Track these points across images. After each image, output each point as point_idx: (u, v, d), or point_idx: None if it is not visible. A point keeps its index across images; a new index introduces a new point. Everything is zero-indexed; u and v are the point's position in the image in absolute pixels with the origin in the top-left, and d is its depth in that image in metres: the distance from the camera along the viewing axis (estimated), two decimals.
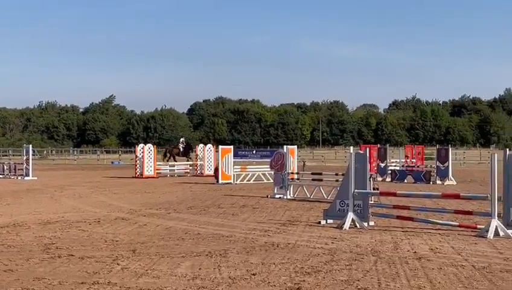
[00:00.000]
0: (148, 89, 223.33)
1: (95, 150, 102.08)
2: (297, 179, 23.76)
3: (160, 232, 13.79)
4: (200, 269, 9.48)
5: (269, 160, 25.39)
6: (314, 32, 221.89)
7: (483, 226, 13.22)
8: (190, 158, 45.81)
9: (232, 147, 34.52)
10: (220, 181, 30.82)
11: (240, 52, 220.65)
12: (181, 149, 47.06)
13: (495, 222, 12.87)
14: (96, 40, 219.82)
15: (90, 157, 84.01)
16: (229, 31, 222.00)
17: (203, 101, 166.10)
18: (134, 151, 40.54)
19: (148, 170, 37.99)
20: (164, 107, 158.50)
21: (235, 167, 32.44)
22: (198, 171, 41.05)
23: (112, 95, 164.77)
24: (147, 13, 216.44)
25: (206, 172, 39.88)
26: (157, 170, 39.09)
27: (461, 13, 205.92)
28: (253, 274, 9.06)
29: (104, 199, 22.77)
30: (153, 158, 38.37)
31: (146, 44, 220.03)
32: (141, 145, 39.74)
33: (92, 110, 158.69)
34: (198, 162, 41.64)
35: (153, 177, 37.31)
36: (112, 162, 71.20)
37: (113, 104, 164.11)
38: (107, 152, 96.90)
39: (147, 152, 38.23)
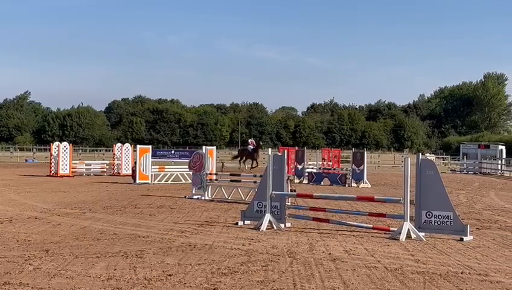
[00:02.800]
0: (65, 86, 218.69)
1: (8, 148, 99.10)
2: (216, 179, 23.74)
3: (75, 232, 13.52)
4: (115, 269, 9.35)
5: (188, 160, 25.26)
6: (235, 33, 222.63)
7: (396, 229, 13.56)
8: (255, 160, 44.93)
9: (150, 146, 34.28)
10: (138, 181, 30.53)
11: (160, 52, 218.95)
12: (250, 150, 45.85)
13: (407, 225, 13.23)
14: (11, 34, 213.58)
15: (3, 155, 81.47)
16: (149, 29, 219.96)
17: (122, 99, 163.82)
18: (49, 149, 39.66)
19: (64, 169, 37.26)
20: (81, 104, 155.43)
21: (153, 166, 32.18)
22: (115, 171, 40.52)
23: (27, 92, 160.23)
24: (65, 9, 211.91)
25: (124, 172, 39.44)
26: (72, 168, 38.36)
27: (378, 20, 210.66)
28: (169, 275, 9.00)
29: (16, 197, 22.14)
30: (68, 156, 37.61)
31: (63, 40, 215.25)
32: (56, 143, 38.95)
33: (5, 106, 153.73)
34: (116, 162, 41.08)
35: (69, 176, 36.61)
36: (26, 160, 69.31)
37: (28, 100, 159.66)
38: (21, 150, 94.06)
39: (62, 150, 37.45)
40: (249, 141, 48.24)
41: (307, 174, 35.63)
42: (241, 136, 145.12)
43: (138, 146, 33.26)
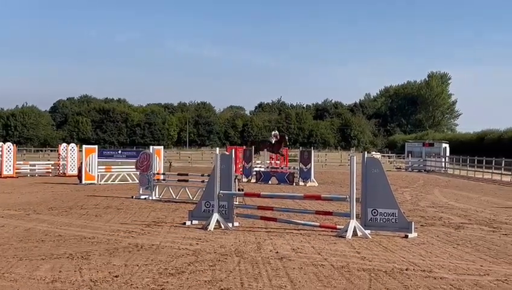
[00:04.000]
0: (8, 85, 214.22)
1: None
2: (163, 179, 23.60)
3: (19, 233, 13.27)
4: (60, 271, 9.21)
5: (135, 160, 25.06)
6: (182, 32, 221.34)
7: (342, 227, 13.71)
8: (282, 154, 40.39)
9: (96, 146, 33.86)
10: (84, 181, 30.14)
11: (106, 51, 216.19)
12: (272, 142, 39.84)
13: (353, 223, 13.39)
14: None
15: None
16: (94, 28, 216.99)
17: (67, 99, 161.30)
18: None
19: (7, 170, 36.52)
20: (25, 104, 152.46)
21: (99, 167, 31.83)
22: (61, 171, 39.91)
23: None
24: (8, 6, 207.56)
25: (69, 172, 38.85)
26: (16, 169, 37.64)
27: (323, 19, 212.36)
28: (116, 276, 8.91)
29: None
30: (12, 157, 36.88)
31: (6, 38, 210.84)
32: (0, 143, 38.09)
33: None
34: (61, 162, 40.47)
35: (12, 177, 35.89)
36: None
37: None
38: None
39: (6, 151, 36.71)
40: (273, 133, 42.40)
41: (254, 173, 35.72)
42: (189, 136, 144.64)
43: (84, 146, 32.85)
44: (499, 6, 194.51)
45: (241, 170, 35.61)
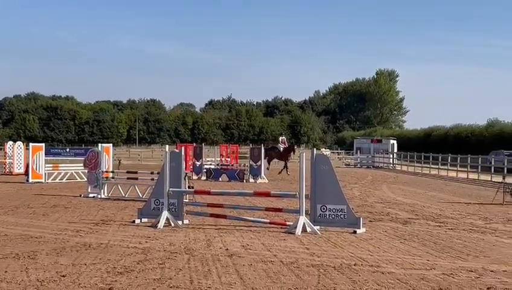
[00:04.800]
0: None
1: None
2: (112, 177, 23.36)
3: None
4: (6, 272, 9.03)
5: (83, 158, 24.74)
6: (131, 29, 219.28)
7: (292, 223, 13.78)
8: (286, 163, 39.44)
9: (43, 144, 33.27)
10: (30, 180, 29.62)
11: (53, 47, 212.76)
12: (281, 150, 40.08)
13: (303, 219, 13.47)
14: None
15: None
16: (40, 24, 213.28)
17: (14, 96, 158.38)
18: None
19: None
20: None
21: (46, 165, 31.32)
22: (7, 170, 39.17)
23: None
24: None
25: (16, 171, 38.14)
26: None
27: (273, 16, 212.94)
28: (63, 276, 8.79)
29: None
30: None
31: None
32: None
33: None
34: (7, 161, 39.71)
35: None
36: None
37: None
38: None
39: None
40: (280, 138, 42.05)
41: (205, 170, 35.64)
42: (139, 133, 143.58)
43: (31, 144, 32.26)
44: (446, 4, 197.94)
45: (191, 167, 35.53)
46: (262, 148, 35.93)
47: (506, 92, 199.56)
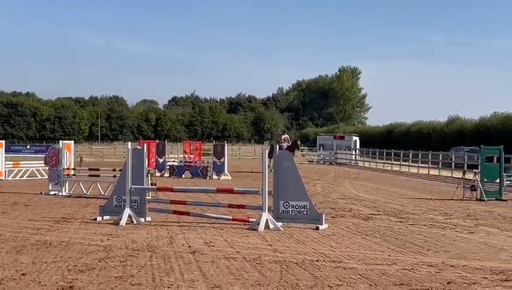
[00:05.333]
0: None
1: None
2: (74, 175, 23.11)
3: None
4: None
5: (44, 155, 24.43)
6: (93, 25, 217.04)
7: (255, 220, 13.79)
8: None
9: (3, 141, 32.77)
10: None
11: (13, 44, 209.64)
12: (284, 148, 35.45)
13: (265, 215, 13.50)
14: None
15: None
16: (0, 20, 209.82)
17: None
18: None
19: None
20: None
21: (6, 162, 30.87)
22: None
23: None
24: None
25: None
26: None
27: (237, 12, 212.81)
28: (23, 274, 8.67)
29: None
30: None
31: None
32: None
33: None
34: None
35: None
36: None
37: None
38: None
39: None
40: (283, 137, 39.46)
41: (168, 167, 35.49)
42: (101, 130, 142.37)
43: None
44: (409, 2, 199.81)
45: (154, 164, 35.34)
46: (226, 145, 35.92)
47: (466, 89, 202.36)
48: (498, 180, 22.89)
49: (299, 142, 37.83)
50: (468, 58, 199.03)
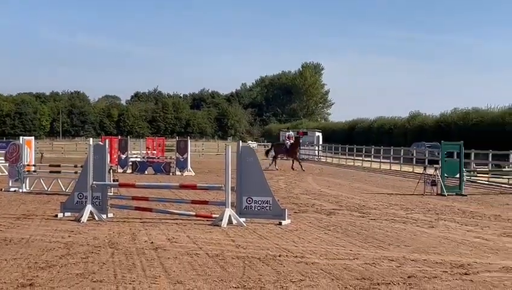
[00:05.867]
0: None
1: None
2: (34, 171, 22.82)
3: None
4: None
5: (4, 152, 24.07)
6: (54, 20, 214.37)
7: (218, 215, 13.77)
8: (295, 159, 37.89)
9: None
10: None
11: None
12: (288, 146, 38.06)
13: (228, 211, 13.49)
14: None
15: None
16: None
17: None
18: None
19: None
20: None
21: None
22: None
23: None
24: None
25: None
26: None
27: (200, 9, 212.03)
28: None
29: None
30: None
31: None
32: None
33: None
34: None
35: None
36: None
37: None
38: None
39: None
40: (286, 134, 39.94)
41: (130, 163, 35.24)
42: (62, 126, 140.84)
43: None
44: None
45: (116, 160, 35.05)
46: (189, 141, 35.83)
47: (427, 86, 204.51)
48: (458, 176, 23.21)
49: (300, 141, 38.59)
50: (429, 54, 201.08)
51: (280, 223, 13.51)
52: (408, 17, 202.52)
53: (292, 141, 37.87)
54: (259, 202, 13.79)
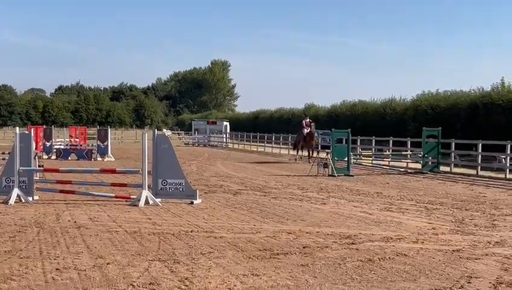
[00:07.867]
0: None
1: None
2: None
3: None
4: None
5: None
6: None
7: (135, 196, 13.62)
8: (311, 148, 31.36)
9: None
10: None
11: None
12: (305, 134, 31.18)
13: (145, 192, 13.37)
14: None
15: None
16: None
17: None
18: None
19: None
20: None
21: None
22: None
23: None
24: None
25: None
26: None
27: (115, 8, 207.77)
28: None
29: None
30: None
31: None
32: None
33: None
34: None
35: None
36: None
37: None
38: None
39: None
40: (304, 122, 32.29)
41: (55, 150, 34.28)
42: None
43: None
44: (272, 3, 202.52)
45: (41, 147, 34.00)
46: (109, 130, 35.19)
47: (319, 80, 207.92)
48: (346, 159, 23.82)
49: (312, 131, 31.01)
50: (323, 53, 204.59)
51: (192, 203, 13.50)
52: (305, 21, 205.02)
53: (308, 130, 31.01)
54: (173, 184, 13.75)
